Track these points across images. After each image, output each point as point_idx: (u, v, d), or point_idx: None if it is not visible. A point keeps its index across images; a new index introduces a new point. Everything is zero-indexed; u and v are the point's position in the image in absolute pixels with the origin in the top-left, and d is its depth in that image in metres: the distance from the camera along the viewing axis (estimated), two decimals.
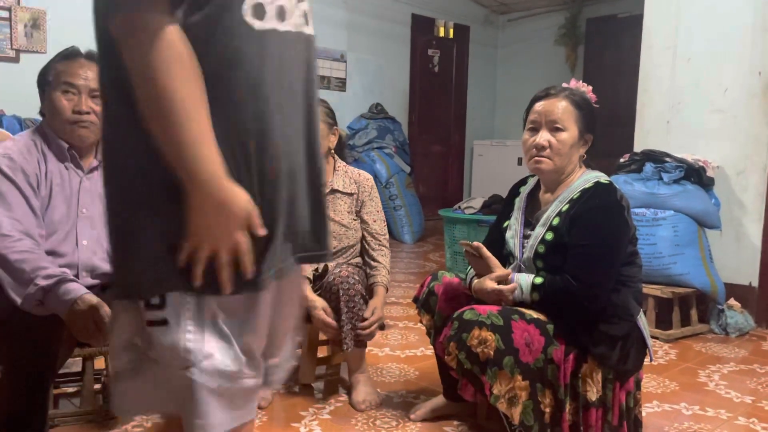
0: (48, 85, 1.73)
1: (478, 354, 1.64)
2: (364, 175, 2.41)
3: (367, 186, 2.38)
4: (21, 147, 1.69)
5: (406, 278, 4.36)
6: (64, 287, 1.56)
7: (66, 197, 1.74)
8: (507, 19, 7.99)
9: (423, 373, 2.52)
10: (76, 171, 1.77)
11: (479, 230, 4.11)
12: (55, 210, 1.71)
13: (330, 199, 2.31)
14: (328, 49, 6.31)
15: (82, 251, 1.75)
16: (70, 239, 1.74)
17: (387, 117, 6.48)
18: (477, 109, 7.96)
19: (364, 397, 2.18)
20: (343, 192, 2.34)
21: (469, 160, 7.82)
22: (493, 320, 1.66)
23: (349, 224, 2.32)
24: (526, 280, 1.77)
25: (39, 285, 1.53)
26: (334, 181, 2.34)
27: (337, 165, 2.38)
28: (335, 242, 2.28)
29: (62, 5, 4.64)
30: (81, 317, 1.54)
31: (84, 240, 1.76)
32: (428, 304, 2.01)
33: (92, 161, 1.81)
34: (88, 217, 1.77)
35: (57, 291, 1.54)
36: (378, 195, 2.42)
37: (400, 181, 6.04)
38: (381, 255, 2.34)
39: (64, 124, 1.72)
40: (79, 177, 1.77)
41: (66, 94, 1.71)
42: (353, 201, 2.35)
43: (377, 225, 2.36)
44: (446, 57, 7.56)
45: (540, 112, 1.81)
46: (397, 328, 3.14)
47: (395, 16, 6.86)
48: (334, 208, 2.31)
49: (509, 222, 1.95)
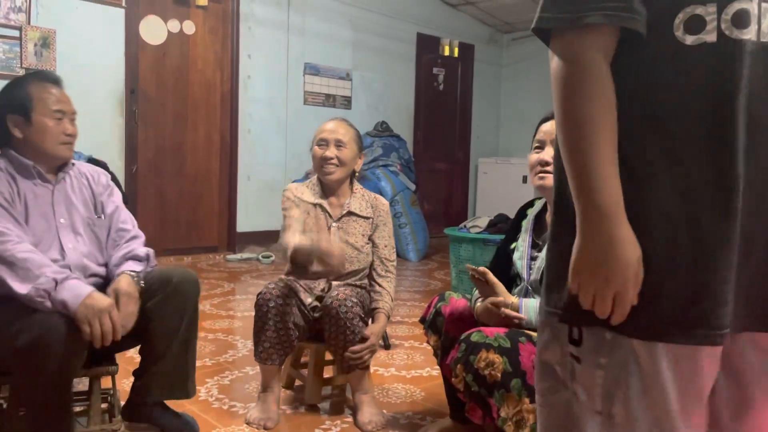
0: (30, 108, 1.82)
1: (485, 376, 1.64)
2: (380, 200, 2.43)
3: (383, 212, 2.39)
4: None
5: (411, 297, 4.35)
6: (74, 282, 1.65)
7: (42, 212, 1.83)
8: (511, 38, 8.05)
9: (429, 394, 2.51)
10: (45, 185, 1.86)
11: (485, 249, 4.11)
12: (35, 225, 1.81)
13: (345, 221, 2.33)
14: (333, 68, 6.36)
15: (70, 254, 1.84)
16: (56, 247, 1.83)
17: (392, 135, 6.52)
18: (482, 127, 8.00)
19: (370, 418, 2.17)
20: (359, 215, 2.35)
21: (474, 177, 7.84)
22: (501, 342, 1.66)
23: (362, 248, 2.32)
24: (535, 306, 1.76)
25: (50, 276, 1.61)
26: (351, 202, 2.35)
27: (355, 188, 2.40)
28: (346, 264, 2.28)
29: (72, 25, 4.70)
30: (91, 316, 1.61)
31: (69, 244, 1.84)
32: (435, 325, 2.00)
33: (59, 173, 1.91)
34: (67, 225, 1.87)
35: (66, 284, 1.62)
36: (391, 221, 2.43)
37: (405, 199, 6.06)
38: (386, 281, 2.34)
39: (55, 144, 1.85)
40: (50, 190, 1.87)
41: (56, 120, 1.85)
42: (368, 225, 2.36)
43: (387, 251, 2.37)
44: (451, 75, 7.61)
45: (546, 132, 1.82)
46: (403, 348, 3.13)
47: (400, 35, 6.92)
48: (349, 231, 2.32)
49: (516, 244, 1.95)
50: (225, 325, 3.44)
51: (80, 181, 1.96)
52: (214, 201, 5.69)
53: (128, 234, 1.95)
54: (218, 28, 5.59)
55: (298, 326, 2.18)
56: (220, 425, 2.16)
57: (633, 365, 0.91)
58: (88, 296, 1.63)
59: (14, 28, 4.46)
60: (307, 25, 6.11)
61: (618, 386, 0.92)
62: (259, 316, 2.15)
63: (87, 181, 1.98)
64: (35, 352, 1.58)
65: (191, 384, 2.00)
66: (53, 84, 1.88)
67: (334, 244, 2.12)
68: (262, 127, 5.85)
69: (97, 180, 2.00)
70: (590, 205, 0.87)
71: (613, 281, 0.87)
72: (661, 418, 0.91)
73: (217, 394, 2.44)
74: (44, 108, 1.83)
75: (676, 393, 0.91)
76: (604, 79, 0.89)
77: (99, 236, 1.93)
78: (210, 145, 5.64)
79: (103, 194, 1.98)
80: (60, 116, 1.85)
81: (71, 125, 1.89)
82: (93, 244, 1.91)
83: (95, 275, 1.88)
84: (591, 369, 0.94)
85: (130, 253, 1.88)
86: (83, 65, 4.72)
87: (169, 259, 5.19)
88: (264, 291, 2.16)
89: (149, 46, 5.18)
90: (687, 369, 0.91)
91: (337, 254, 2.08)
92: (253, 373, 2.68)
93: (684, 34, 0.88)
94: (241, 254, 5.61)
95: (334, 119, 2.42)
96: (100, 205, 1.96)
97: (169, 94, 5.34)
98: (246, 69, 5.71)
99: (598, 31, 0.88)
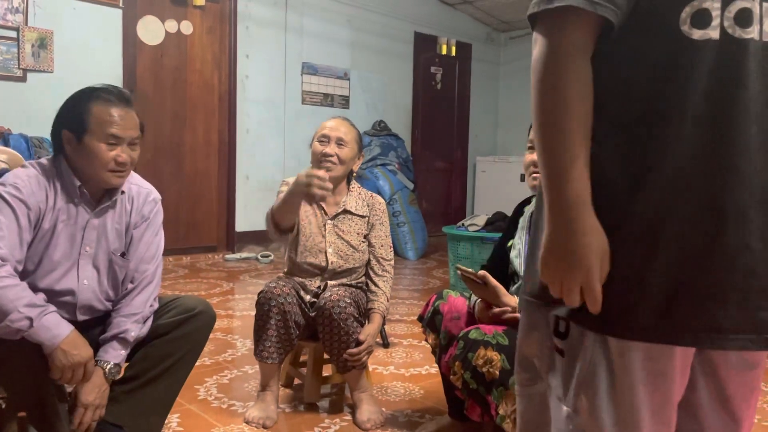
0: (84, 129, 1.67)
1: (483, 374, 1.64)
2: (377, 198, 2.42)
3: (379, 210, 2.39)
4: (32, 179, 1.67)
5: (409, 295, 4.36)
6: (51, 318, 1.56)
7: (70, 234, 1.71)
8: (509, 36, 8.06)
9: (428, 392, 2.52)
10: (86, 208, 1.74)
11: (483, 247, 4.11)
12: (57, 247, 1.69)
13: (341, 219, 2.33)
14: (331, 67, 6.36)
15: (82, 291, 1.74)
16: (70, 277, 1.72)
17: (390, 134, 6.52)
18: (479, 125, 8.00)
19: (369, 416, 2.18)
20: (355, 214, 2.35)
21: (472, 176, 7.85)
22: (499, 340, 1.67)
23: (357, 246, 2.32)
24: None
25: (23, 313, 1.51)
26: (347, 201, 2.35)
27: (352, 186, 2.40)
28: (341, 261, 2.29)
29: (69, 26, 4.70)
30: (67, 366, 1.55)
31: (85, 279, 1.74)
32: (434, 323, 2.01)
33: (106, 200, 1.77)
34: (91, 255, 1.75)
35: (43, 321, 1.53)
36: (388, 220, 2.42)
37: (404, 198, 6.06)
38: (383, 281, 2.34)
39: (102, 171, 1.69)
40: (88, 215, 1.74)
41: (107, 144, 1.68)
42: (364, 223, 2.36)
43: (383, 250, 2.37)
44: (449, 74, 7.61)
45: None
46: (402, 346, 3.14)
47: (398, 34, 6.92)
48: (344, 229, 2.32)
49: (513, 241, 1.95)
50: (224, 324, 3.44)
51: (123, 207, 1.82)
52: (212, 201, 5.70)
53: (144, 280, 1.80)
54: (216, 28, 5.60)
55: (298, 325, 2.18)
56: (220, 424, 2.16)
57: (604, 360, 0.91)
58: (66, 340, 1.54)
59: (11, 29, 4.46)
60: (305, 25, 6.11)
61: (590, 381, 0.92)
62: (261, 314, 2.15)
63: (130, 208, 1.83)
64: (10, 364, 1.57)
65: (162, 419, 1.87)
66: (120, 104, 1.70)
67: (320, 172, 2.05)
68: (261, 127, 5.85)
69: (140, 207, 1.84)
70: (556, 194, 0.88)
71: (577, 270, 0.87)
72: (626, 416, 0.91)
73: (216, 393, 2.45)
74: (99, 131, 1.66)
75: (644, 392, 0.90)
76: (579, 65, 0.87)
77: (117, 274, 1.80)
78: (208, 145, 5.64)
79: (140, 226, 1.83)
80: (114, 142, 1.68)
81: (127, 152, 1.70)
82: (109, 281, 1.79)
83: (99, 310, 1.79)
84: (572, 362, 0.94)
85: (121, 333, 1.71)
86: (81, 66, 4.72)
87: (168, 258, 5.19)
88: (265, 289, 2.16)
89: (147, 46, 5.18)
90: (659, 368, 0.90)
91: (321, 174, 2.02)
92: (252, 372, 2.68)
93: (691, 28, 0.86)
94: (240, 254, 5.61)
95: (336, 117, 2.41)
96: (130, 240, 1.82)
97: (167, 94, 5.34)
98: (244, 69, 5.71)
99: (578, 19, 0.86)
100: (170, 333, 1.79)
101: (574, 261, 0.87)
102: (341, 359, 2.16)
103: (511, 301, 1.77)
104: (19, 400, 1.65)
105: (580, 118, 0.87)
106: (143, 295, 1.78)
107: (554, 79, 0.87)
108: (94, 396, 1.64)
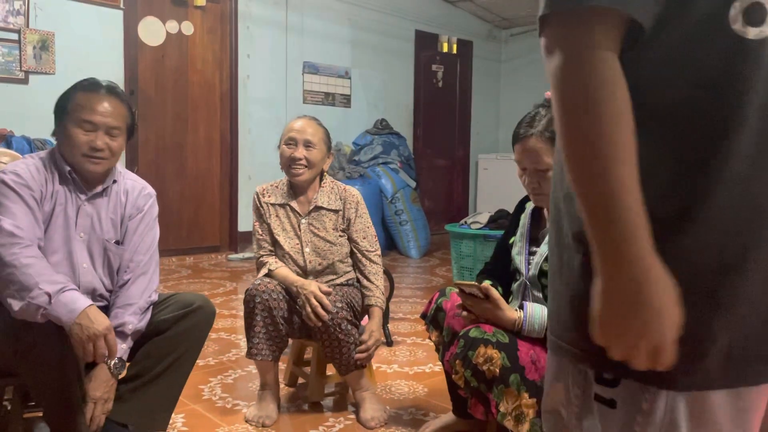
0: (66, 114, 1.76)
1: (484, 372, 1.65)
2: (350, 191, 2.37)
3: (353, 202, 2.34)
4: (30, 166, 1.75)
5: (412, 293, 4.36)
6: (70, 294, 1.58)
7: (66, 217, 1.77)
8: (510, 33, 8.05)
9: (432, 390, 2.52)
10: (78, 195, 1.79)
11: (486, 245, 4.12)
12: (56, 229, 1.75)
13: (315, 216, 2.32)
14: (332, 66, 6.36)
15: (82, 274, 1.78)
16: (71, 260, 1.77)
17: (392, 132, 6.52)
18: (481, 123, 8.00)
19: (372, 414, 2.18)
20: (328, 209, 2.32)
21: (474, 173, 7.85)
22: (499, 338, 1.67)
23: (335, 240, 2.30)
24: (541, 321, 1.71)
25: (43, 290, 1.55)
26: (318, 197, 2.32)
27: (324, 182, 2.36)
28: (320, 259, 2.29)
29: (70, 27, 4.71)
30: (85, 339, 1.56)
31: (84, 263, 1.78)
32: (437, 320, 2.01)
33: (97, 187, 1.83)
34: (85, 242, 1.80)
35: (61, 297, 1.56)
36: (366, 210, 2.37)
37: (406, 196, 6.06)
38: (372, 275, 2.31)
39: (76, 156, 1.76)
40: (79, 201, 1.79)
41: (83, 130, 1.74)
42: (338, 217, 2.33)
43: (366, 242, 2.33)
44: (450, 72, 7.61)
45: (521, 158, 1.79)
46: (405, 345, 3.14)
47: (399, 32, 6.92)
48: (319, 226, 2.31)
49: (515, 238, 1.96)
50: (227, 324, 3.45)
51: (118, 198, 1.86)
52: (215, 201, 5.71)
53: (138, 269, 1.83)
54: (217, 28, 5.60)
55: (288, 321, 2.18)
56: (224, 424, 2.17)
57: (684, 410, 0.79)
58: (82, 314, 1.56)
59: (13, 32, 4.47)
60: (306, 24, 6.11)
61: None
62: (247, 312, 2.17)
63: (125, 199, 1.87)
64: (35, 351, 1.58)
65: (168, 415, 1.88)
66: (104, 94, 1.77)
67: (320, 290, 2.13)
68: (262, 127, 5.86)
69: (134, 200, 1.89)
70: (609, 239, 0.71)
71: (649, 333, 0.71)
72: None
73: (220, 392, 2.46)
74: (75, 116, 1.74)
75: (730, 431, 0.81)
76: (618, 81, 0.71)
77: (112, 262, 1.84)
78: (210, 145, 5.65)
79: (134, 217, 1.88)
80: (90, 128, 1.74)
81: (102, 139, 1.75)
82: (104, 268, 1.83)
83: (101, 297, 1.83)
84: (631, 414, 0.80)
85: (119, 327, 1.71)
86: (82, 67, 4.72)
87: (171, 259, 5.21)
88: (250, 288, 2.18)
89: (148, 47, 5.19)
90: (741, 405, 0.81)
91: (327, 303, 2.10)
92: (255, 371, 2.69)
93: (744, 26, 0.72)
94: (243, 253, 5.62)
95: (302, 117, 2.36)
96: (125, 231, 1.86)
97: (168, 94, 5.35)
98: (245, 69, 5.72)
99: (604, 20, 0.71)
100: (170, 329, 1.81)
101: (644, 324, 0.71)
102: (342, 362, 2.16)
103: (513, 315, 1.72)
104: (43, 389, 1.66)
105: (628, 147, 0.71)
106: (138, 285, 1.81)
107: (588, 92, 0.71)
108: (102, 391, 1.67)
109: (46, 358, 1.59)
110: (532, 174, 1.77)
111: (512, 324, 1.71)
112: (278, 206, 2.34)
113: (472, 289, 1.75)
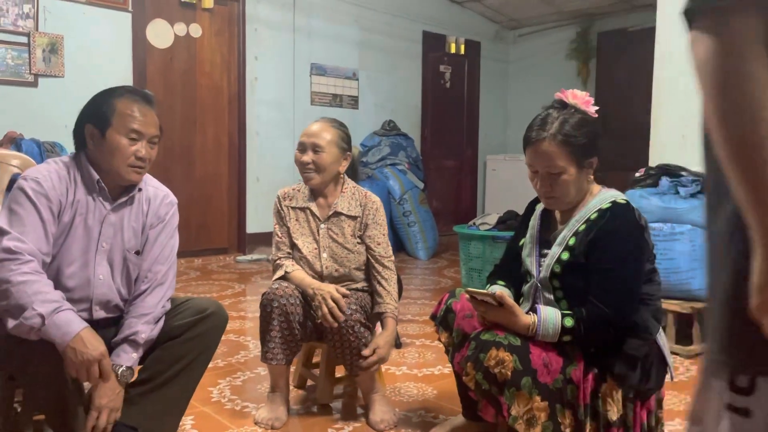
0: (107, 123, 1.72)
1: (495, 375, 1.63)
2: (371, 197, 2.34)
3: (372, 209, 2.31)
4: (52, 173, 1.71)
5: (421, 295, 4.35)
6: (64, 315, 1.56)
7: (87, 228, 1.74)
8: (518, 34, 8.02)
9: (441, 392, 2.51)
10: (103, 203, 1.77)
11: (494, 246, 4.10)
12: (74, 240, 1.72)
13: (334, 222, 2.29)
14: (340, 68, 6.36)
15: (97, 286, 1.76)
16: (87, 271, 1.75)
17: (400, 133, 6.52)
18: (489, 124, 7.98)
19: (382, 417, 2.17)
20: (347, 215, 2.30)
21: (482, 174, 7.83)
22: (511, 341, 1.66)
23: (352, 248, 2.28)
24: (554, 325, 1.70)
25: (36, 311, 1.52)
26: (338, 203, 2.30)
27: (344, 187, 2.34)
28: (336, 266, 2.27)
29: (79, 30, 4.73)
30: (79, 364, 1.55)
31: (100, 274, 1.77)
32: (446, 322, 1.99)
33: (123, 197, 1.80)
34: (106, 251, 1.78)
35: (55, 319, 1.54)
36: (384, 217, 2.34)
37: (414, 197, 6.05)
38: (386, 281, 2.27)
39: (122, 166, 1.74)
40: (105, 210, 1.77)
41: (129, 139, 1.73)
42: (357, 224, 2.30)
43: (381, 248, 2.30)
44: (458, 73, 7.60)
45: (533, 161, 1.77)
46: (414, 347, 3.13)
47: (406, 33, 6.91)
48: (338, 231, 2.29)
49: (525, 240, 1.94)
50: (236, 326, 3.45)
51: (141, 206, 1.84)
52: (223, 203, 5.72)
53: (156, 279, 1.82)
54: (224, 30, 5.61)
55: (303, 326, 2.18)
56: (233, 426, 2.17)
57: None
58: (76, 338, 1.54)
59: (22, 35, 4.49)
60: (313, 26, 6.12)
61: None
62: (264, 316, 2.15)
63: (147, 208, 1.85)
64: (30, 368, 1.58)
65: None
66: (143, 102, 1.76)
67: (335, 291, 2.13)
68: (270, 129, 5.87)
69: (156, 209, 1.87)
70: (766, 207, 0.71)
71: None
72: None
73: (229, 395, 2.45)
74: (121, 126, 1.72)
75: None
76: None
77: (131, 272, 1.82)
78: (218, 148, 5.66)
79: (156, 226, 1.86)
80: (135, 137, 1.73)
81: (147, 149, 1.76)
82: (122, 278, 1.82)
83: (116, 308, 1.82)
84: (763, 422, 0.78)
85: (132, 335, 1.71)
86: (91, 70, 4.75)
87: (180, 261, 5.19)
88: (268, 291, 2.16)
89: (156, 49, 5.21)
90: None
91: (343, 305, 2.10)
92: (264, 373, 2.68)
93: None
94: (251, 255, 5.63)
95: (319, 120, 2.33)
96: (145, 240, 1.84)
97: (177, 97, 5.37)
98: (253, 71, 5.72)
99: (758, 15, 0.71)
100: (183, 335, 1.80)
101: None
102: (353, 364, 2.15)
103: (527, 321, 1.71)
104: (39, 401, 1.66)
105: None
106: (155, 296, 1.80)
107: (738, 82, 0.71)
108: (108, 399, 1.64)
109: (43, 372, 1.58)
110: (544, 177, 1.76)
111: (526, 329, 1.70)
112: (298, 209, 2.33)
113: (486, 297, 1.73)
